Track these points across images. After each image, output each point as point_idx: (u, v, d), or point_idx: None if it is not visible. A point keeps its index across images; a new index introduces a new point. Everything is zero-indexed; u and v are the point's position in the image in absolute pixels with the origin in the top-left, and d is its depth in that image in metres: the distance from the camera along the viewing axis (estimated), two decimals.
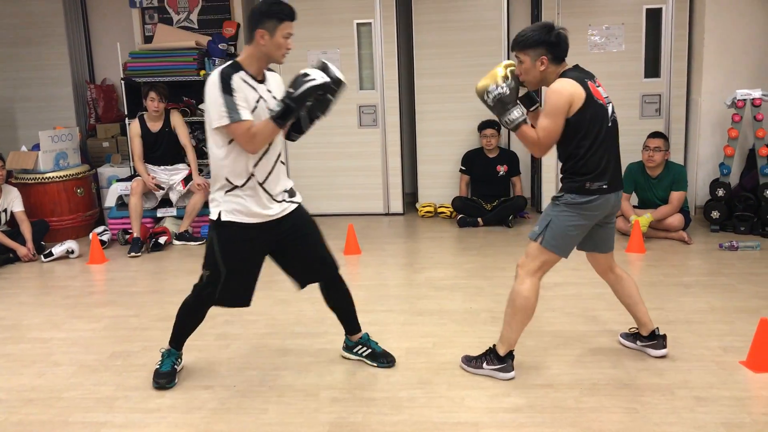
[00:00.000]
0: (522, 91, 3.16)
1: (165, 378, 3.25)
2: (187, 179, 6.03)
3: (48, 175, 6.17)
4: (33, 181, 6.15)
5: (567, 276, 4.55)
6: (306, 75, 2.84)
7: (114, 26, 7.14)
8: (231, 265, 3.02)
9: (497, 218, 6.23)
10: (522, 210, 6.38)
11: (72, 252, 5.65)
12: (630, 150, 6.05)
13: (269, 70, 3.09)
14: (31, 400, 3.17)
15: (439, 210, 6.66)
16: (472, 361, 3.25)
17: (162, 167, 6.07)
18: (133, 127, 6.00)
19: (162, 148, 6.02)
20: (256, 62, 2.95)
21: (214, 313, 4.18)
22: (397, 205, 6.82)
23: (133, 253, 5.62)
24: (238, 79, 2.87)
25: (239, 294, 3.12)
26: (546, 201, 6.60)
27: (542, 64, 3.00)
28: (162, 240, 5.80)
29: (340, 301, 3.38)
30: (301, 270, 3.24)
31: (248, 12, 2.90)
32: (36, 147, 6.26)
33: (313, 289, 4.29)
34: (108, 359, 3.59)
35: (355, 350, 3.45)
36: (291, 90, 2.83)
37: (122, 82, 6.37)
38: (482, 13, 6.48)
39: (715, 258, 5.03)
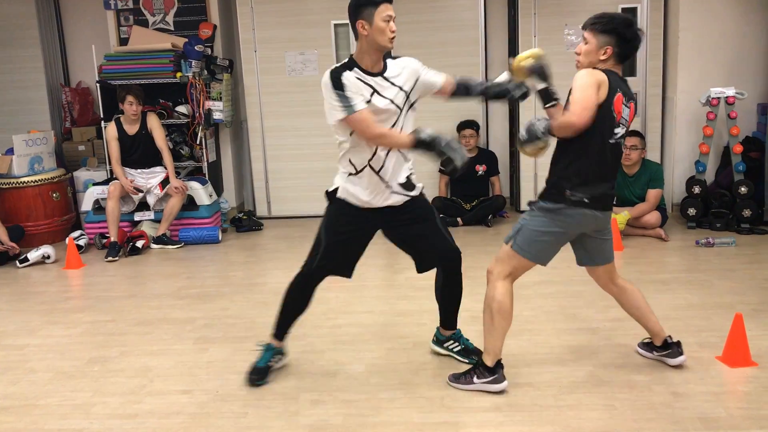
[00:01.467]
0: (540, 86, 3.08)
1: (257, 374, 3.25)
2: (165, 182, 5.99)
3: (23, 179, 6.09)
4: (7, 186, 6.07)
5: (546, 274, 4.55)
6: (453, 148, 2.87)
7: (88, 28, 7.06)
8: (331, 237, 3.13)
9: (477, 218, 6.25)
10: (501, 209, 6.41)
11: (48, 257, 5.57)
12: None
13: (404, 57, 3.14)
14: (6, 408, 3.12)
15: None
16: (460, 378, 3.11)
17: (139, 170, 6.02)
18: (110, 130, 5.94)
19: (139, 151, 5.97)
20: (367, 55, 3.00)
21: (193, 316, 4.18)
22: None
23: (110, 258, 5.56)
24: (348, 76, 2.95)
25: (339, 264, 3.20)
26: (525, 200, 6.63)
27: (605, 53, 2.91)
28: (140, 244, 5.75)
29: (449, 294, 3.33)
30: (419, 256, 3.27)
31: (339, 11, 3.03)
32: (10, 151, 6.17)
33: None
34: (85, 365, 3.55)
35: (445, 345, 3.44)
36: (439, 142, 2.87)
37: (98, 84, 6.30)
38: (459, 14, 6.50)
39: (691, 254, 5.08)
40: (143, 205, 6.10)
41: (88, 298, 4.74)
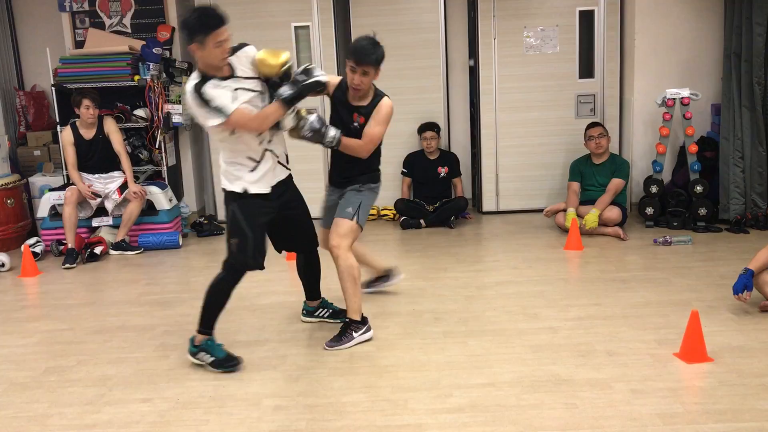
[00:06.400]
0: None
1: (232, 360, 3.40)
2: (123, 187, 5.89)
3: None
4: None
5: (507, 275, 4.61)
6: (314, 69, 3.28)
7: (43, 31, 6.91)
8: (256, 230, 3.33)
9: (439, 219, 6.27)
10: (463, 211, 6.44)
11: (2, 265, 5.44)
12: (570, 149, 6.28)
13: (242, 45, 3.28)
14: None
15: (382, 213, 6.66)
16: (341, 339, 3.58)
17: (97, 175, 5.91)
18: (66, 135, 5.83)
19: (96, 156, 5.86)
20: (211, 68, 3.14)
21: (153, 323, 4.12)
22: None
23: (67, 265, 5.45)
24: (209, 88, 3.10)
25: (263, 255, 3.40)
26: (487, 201, 6.69)
27: (376, 77, 3.58)
28: (98, 250, 5.65)
29: (311, 273, 3.84)
30: (286, 238, 3.64)
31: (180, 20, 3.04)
32: None
33: (253, 297, 4.26)
34: (41, 375, 3.47)
35: (316, 314, 3.94)
36: (303, 77, 3.23)
37: (53, 88, 6.17)
38: (420, 16, 6.52)
39: (650, 253, 5.17)
40: (101, 211, 5.99)
41: (44, 306, 4.64)
